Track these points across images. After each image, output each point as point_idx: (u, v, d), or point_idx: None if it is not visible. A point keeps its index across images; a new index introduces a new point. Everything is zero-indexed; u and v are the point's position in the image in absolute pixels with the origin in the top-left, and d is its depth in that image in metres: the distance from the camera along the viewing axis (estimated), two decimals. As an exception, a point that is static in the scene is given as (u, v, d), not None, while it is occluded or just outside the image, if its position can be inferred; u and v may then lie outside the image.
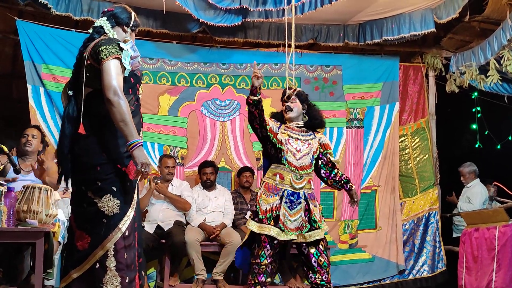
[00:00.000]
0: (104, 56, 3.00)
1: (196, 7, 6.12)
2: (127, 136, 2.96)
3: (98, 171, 3.05)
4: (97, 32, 3.22)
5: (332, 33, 7.08)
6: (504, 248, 4.82)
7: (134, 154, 2.96)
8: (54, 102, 6.32)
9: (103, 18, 3.28)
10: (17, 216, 4.01)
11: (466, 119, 8.19)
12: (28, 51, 6.22)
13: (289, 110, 4.62)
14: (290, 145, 4.48)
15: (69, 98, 3.19)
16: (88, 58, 3.10)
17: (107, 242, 3.04)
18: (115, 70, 3.00)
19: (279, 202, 4.38)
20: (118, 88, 2.97)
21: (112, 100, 2.95)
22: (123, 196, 3.09)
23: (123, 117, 2.95)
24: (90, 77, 3.09)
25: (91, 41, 3.17)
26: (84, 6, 6.20)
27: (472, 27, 6.75)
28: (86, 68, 3.10)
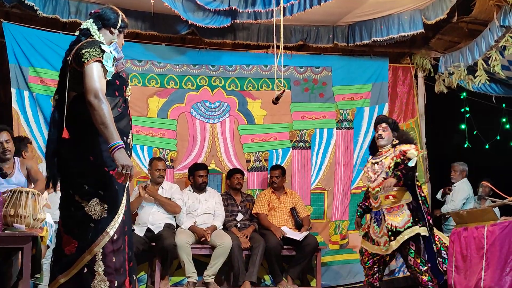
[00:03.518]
0: (85, 60, 2.99)
1: (185, 8, 6.10)
2: (108, 138, 2.94)
3: (85, 175, 3.05)
4: (83, 34, 3.20)
5: (321, 34, 7.09)
6: (493, 247, 4.82)
7: (115, 156, 2.93)
8: (40, 106, 6.27)
9: (90, 20, 3.25)
10: (4, 220, 3.97)
11: (455, 119, 8.22)
12: (15, 53, 6.17)
13: (380, 138, 5.22)
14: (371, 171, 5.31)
15: (56, 102, 3.17)
16: (71, 62, 3.09)
17: (94, 247, 3.03)
18: (96, 73, 2.99)
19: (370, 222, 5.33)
20: (99, 90, 2.96)
21: (93, 103, 2.94)
22: (110, 200, 3.08)
23: (103, 120, 2.93)
24: (74, 81, 3.08)
25: (77, 43, 3.15)
26: (71, 8, 6.17)
27: (460, 28, 6.78)
28: (70, 72, 3.10)
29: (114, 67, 3.12)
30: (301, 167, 7.17)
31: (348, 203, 7.18)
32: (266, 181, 7.01)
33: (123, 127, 3.17)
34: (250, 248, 6.29)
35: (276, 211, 6.64)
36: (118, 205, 3.12)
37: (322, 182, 7.16)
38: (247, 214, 6.69)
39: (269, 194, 6.71)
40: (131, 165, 2.97)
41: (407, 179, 4.98)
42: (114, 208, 3.09)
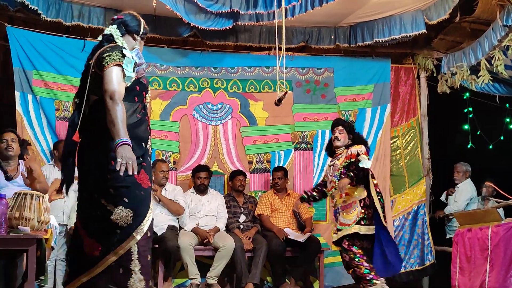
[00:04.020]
0: (106, 63, 3.02)
1: (187, 11, 6.10)
2: (114, 136, 2.92)
3: (109, 179, 3.04)
4: (106, 40, 3.24)
5: (323, 36, 7.08)
6: (497, 248, 4.82)
7: (118, 150, 2.88)
8: (43, 109, 6.30)
9: (113, 26, 3.28)
10: (9, 223, 3.99)
11: (458, 119, 8.21)
12: (18, 57, 6.20)
13: (336, 140, 5.49)
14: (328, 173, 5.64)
15: (76, 106, 3.18)
16: (93, 67, 3.12)
17: (120, 249, 3.05)
18: (116, 76, 3.01)
19: None
20: (116, 92, 2.97)
21: (107, 103, 2.95)
22: (136, 205, 3.07)
23: (112, 119, 2.92)
24: (95, 85, 3.10)
25: (99, 48, 3.18)
26: (74, 12, 6.19)
27: (462, 28, 6.77)
28: (91, 76, 3.11)
29: (135, 73, 3.13)
30: (303, 169, 7.16)
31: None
32: (268, 183, 7.01)
33: (141, 133, 3.17)
34: (253, 250, 6.30)
35: (278, 212, 6.64)
36: (144, 211, 3.12)
37: (324, 184, 7.15)
38: (250, 215, 6.69)
39: (271, 195, 6.71)
40: (133, 158, 2.91)
41: (359, 178, 5.19)
42: (141, 213, 3.10)
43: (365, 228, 5.15)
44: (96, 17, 6.29)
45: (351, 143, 5.42)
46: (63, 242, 6.06)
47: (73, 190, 6.08)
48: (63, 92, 6.42)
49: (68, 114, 6.42)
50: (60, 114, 6.40)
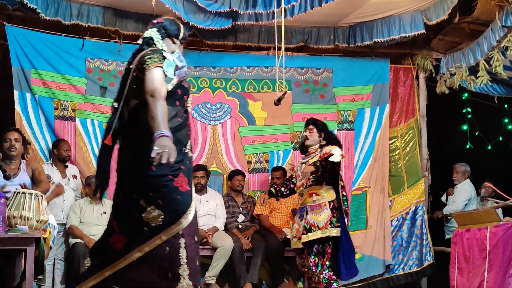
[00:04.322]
0: (146, 66, 3.04)
1: (186, 10, 6.10)
2: (154, 129, 2.90)
3: (148, 182, 3.06)
4: (146, 43, 3.25)
5: (322, 36, 7.08)
6: (496, 249, 4.83)
7: (157, 142, 2.86)
8: (42, 108, 6.29)
9: (153, 29, 3.30)
10: (7, 222, 3.98)
11: (457, 120, 8.22)
12: (17, 56, 6.19)
13: (306, 139, 5.51)
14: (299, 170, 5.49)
15: (114, 110, 3.18)
16: (134, 70, 3.13)
17: (145, 247, 3.05)
18: (157, 77, 3.03)
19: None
20: (157, 90, 2.97)
21: (149, 101, 2.96)
22: (168, 208, 3.06)
23: (153, 114, 2.93)
24: (136, 89, 3.11)
25: (139, 52, 3.19)
26: (73, 11, 6.17)
27: (461, 28, 6.77)
28: (132, 80, 3.13)
29: (176, 76, 3.14)
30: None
31: (349, 204, 7.16)
32: (267, 183, 7.01)
33: (182, 137, 3.18)
34: (252, 250, 6.30)
35: (277, 212, 6.65)
36: (178, 214, 3.10)
37: (323, 184, 7.15)
38: (248, 215, 6.69)
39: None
40: (171, 147, 2.87)
41: (325, 171, 5.17)
42: (171, 217, 3.08)
43: (336, 230, 5.17)
44: (95, 16, 6.28)
45: (324, 143, 5.41)
46: (62, 241, 6.07)
47: (71, 189, 6.16)
48: (62, 91, 6.41)
49: (67, 113, 6.42)
50: (59, 113, 6.39)
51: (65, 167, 6.18)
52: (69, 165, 6.24)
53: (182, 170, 3.13)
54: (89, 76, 6.55)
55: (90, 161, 6.48)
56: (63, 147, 6.12)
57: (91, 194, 6.15)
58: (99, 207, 6.15)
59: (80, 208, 6.07)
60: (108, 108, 6.55)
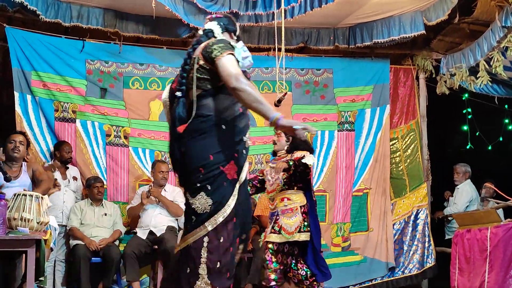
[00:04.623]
0: (218, 53, 3.03)
1: (186, 12, 6.10)
2: (267, 112, 2.93)
3: (202, 173, 3.03)
4: (205, 34, 3.26)
5: (322, 37, 7.08)
6: (496, 249, 4.83)
7: (283, 123, 2.89)
8: (42, 110, 6.30)
9: (213, 22, 3.33)
10: (8, 224, 3.99)
11: (457, 120, 8.22)
12: (17, 58, 6.20)
13: (274, 143, 5.36)
14: (269, 174, 5.36)
15: (176, 100, 3.13)
16: (199, 59, 3.12)
17: (190, 237, 3.02)
18: (232, 63, 3.02)
19: None
20: (239, 74, 2.96)
21: (238, 87, 2.94)
22: (216, 197, 3.03)
23: (256, 97, 2.94)
24: (201, 79, 3.11)
25: (199, 43, 3.19)
26: (73, 13, 6.18)
27: (461, 29, 6.77)
28: (197, 70, 3.12)
29: (241, 66, 3.12)
30: (303, 170, 7.15)
31: (350, 205, 7.17)
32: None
33: (242, 126, 3.18)
34: (252, 251, 6.29)
35: (278, 213, 6.64)
36: (223, 204, 3.05)
37: (323, 185, 7.15)
38: (249, 216, 6.68)
39: (271, 196, 6.70)
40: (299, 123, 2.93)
41: (297, 170, 5.10)
42: (218, 206, 3.04)
43: (305, 235, 5.13)
44: (95, 17, 6.28)
45: (291, 147, 5.29)
46: (62, 243, 6.07)
47: (71, 190, 6.16)
48: (62, 92, 6.42)
49: (67, 115, 6.42)
50: (59, 114, 6.40)
51: (66, 169, 6.19)
52: (70, 166, 6.24)
53: (235, 158, 3.12)
54: (89, 77, 6.56)
55: (91, 162, 6.49)
56: (65, 149, 6.13)
57: (91, 195, 6.16)
58: (100, 209, 6.16)
59: (81, 209, 6.08)
60: (108, 110, 6.58)
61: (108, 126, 6.60)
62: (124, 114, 6.65)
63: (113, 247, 6.00)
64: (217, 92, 3.10)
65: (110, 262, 5.88)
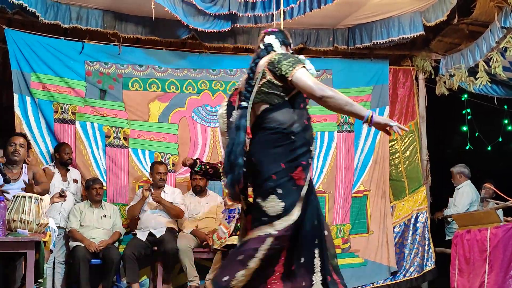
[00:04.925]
0: (289, 69, 3.14)
1: (185, 13, 6.10)
2: (360, 111, 3.10)
3: (274, 179, 3.16)
4: (265, 49, 3.37)
5: (321, 38, 7.08)
6: (496, 250, 4.83)
7: (378, 120, 3.07)
8: (41, 111, 6.30)
9: (271, 36, 3.44)
10: (7, 226, 3.99)
11: (456, 121, 8.22)
12: (17, 59, 6.20)
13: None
14: None
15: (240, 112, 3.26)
16: (266, 74, 3.23)
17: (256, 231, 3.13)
18: (307, 76, 3.15)
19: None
20: (319, 84, 3.14)
21: (325, 95, 3.10)
22: (287, 198, 3.15)
23: (346, 100, 3.11)
24: (268, 93, 3.23)
25: (260, 57, 3.31)
26: (73, 14, 6.18)
27: (460, 30, 6.78)
28: (264, 84, 3.23)
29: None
30: (302, 170, 7.14)
31: (349, 206, 7.16)
32: (267, 185, 6.99)
33: (309, 136, 3.30)
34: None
35: (277, 214, 6.63)
36: (293, 207, 3.16)
37: (323, 186, 7.14)
38: (249, 217, 6.68)
39: (270, 197, 6.69)
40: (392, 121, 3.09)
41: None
42: (287, 208, 3.14)
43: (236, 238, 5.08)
44: (94, 19, 6.29)
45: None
46: (61, 244, 6.06)
47: (71, 193, 6.15)
48: (62, 94, 6.42)
49: (67, 116, 6.42)
50: (58, 116, 6.39)
51: (67, 171, 6.19)
52: (71, 169, 6.24)
53: (303, 165, 3.23)
54: (89, 79, 6.56)
55: (90, 164, 6.49)
56: (65, 151, 6.13)
57: (90, 197, 6.15)
58: (99, 210, 6.16)
59: (80, 211, 6.08)
60: (107, 111, 6.58)
61: (108, 128, 6.61)
62: (124, 116, 6.65)
63: (113, 249, 6.00)
64: (284, 106, 3.22)
65: (110, 263, 5.88)
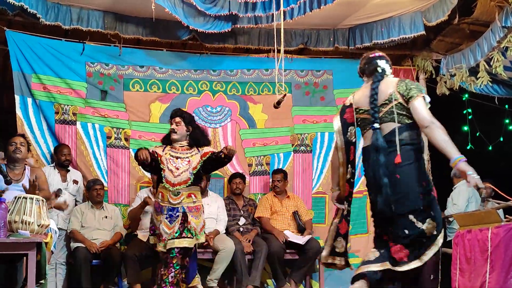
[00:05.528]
0: (414, 94, 3.52)
1: (186, 14, 6.11)
2: (453, 152, 3.38)
3: (421, 199, 3.48)
4: (382, 72, 3.71)
5: (322, 38, 7.08)
6: (497, 249, 4.82)
7: (463, 167, 3.30)
8: (43, 112, 6.31)
9: (382, 61, 3.78)
10: (9, 227, 3.99)
11: (457, 121, 8.20)
12: (18, 61, 6.21)
13: (173, 132, 5.04)
14: (170, 164, 4.96)
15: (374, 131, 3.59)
16: (396, 97, 3.58)
17: (423, 256, 3.45)
18: (425, 105, 3.52)
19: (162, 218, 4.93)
20: (431, 116, 3.47)
21: (432, 126, 3.43)
22: (438, 217, 3.51)
23: (446, 137, 3.42)
24: (399, 114, 3.57)
25: (379, 80, 3.65)
26: (73, 15, 6.19)
27: (461, 29, 6.77)
28: (396, 106, 3.58)
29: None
30: (303, 171, 7.16)
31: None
32: (268, 185, 7.01)
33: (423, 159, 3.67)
34: (253, 252, 6.29)
35: (278, 215, 6.64)
36: (441, 224, 3.54)
37: (323, 186, 7.15)
38: (250, 218, 6.69)
39: (271, 198, 6.71)
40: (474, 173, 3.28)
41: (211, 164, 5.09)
42: (439, 225, 3.51)
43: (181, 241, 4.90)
44: (95, 20, 6.30)
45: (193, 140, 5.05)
46: (62, 245, 6.06)
47: (70, 193, 6.15)
48: (63, 95, 6.43)
49: (68, 117, 6.42)
50: (59, 117, 6.41)
51: (67, 171, 6.19)
52: (71, 169, 6.25)
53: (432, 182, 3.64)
54: (90, 80, 6.57)
55: (92, 164, 6.50)
56: (62, 152, 6.14)
57: (91, 198, 6.16)
58: (100, 212, 6.16)
59: (81, 212, 6.08)
60: (108, 112, 6.59)
61: (109, 128, 6.61)
62: (125, 116, 6.66)
63: (114, 250, 6.00)
64: (413, 125, 3.55)
65: (111, 264, 5.88)
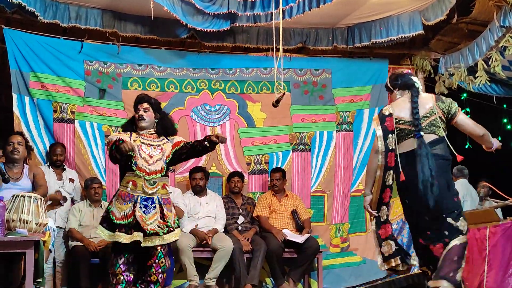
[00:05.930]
0: (456, 110, 4.07)
1: (184, 12, 6.10)
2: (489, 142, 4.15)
3: (455, 202, 3.95)
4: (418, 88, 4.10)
5: (321, 37, 7.08)
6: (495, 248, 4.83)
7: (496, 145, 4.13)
8: (40, 111, 6.30)
9: (415, 77, 4.23)
10: (7, 225, 3.98)
11: (456, 120, 8.20)
12: (15, 59, 6.19)
13: (142, 119, 4.64)
14: (142, 151, 4.55)
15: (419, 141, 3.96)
16: (436, 111, 4.02)
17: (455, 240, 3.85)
18: (468, 118, 4.13)
19: (132, 209, 4.44)
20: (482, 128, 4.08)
21: (487, 133, 4.10)
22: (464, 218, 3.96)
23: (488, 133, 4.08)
24: (438, 126, 4.02)
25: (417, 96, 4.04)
26: (71, 13, 6.18)
27: (460, 29, 6.78)
28: (436, 119, 4.01)
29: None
30: (301, 170, 7.16)
31: (348, 206, 7.17)
32: (266, 184, 7.01)
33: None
34: (252, 251, 6.29)
35: (277, 213, 6.64)
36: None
37: (322, 185, 7.15)
38: (248, 217, 6.69)
39: (270, 196, 6.71)
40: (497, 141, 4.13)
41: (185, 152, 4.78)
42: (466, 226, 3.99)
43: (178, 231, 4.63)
44: (93, 18, 6.28)
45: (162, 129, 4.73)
46: (60, 243, 6.06)
47: (66, 192, 6.14)
48: (61, 93, 6.42)
49: (66, 116, 6.42)
50: (57, 116, 6.39)
51: (63, 170, 6.18)
52: (67, 168, 6.24)
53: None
54: (88, 78, 6.56)
55: (90, 163, 6.49)
56: (55, 151, 6.13)
57: (89, 196, 6.15)
58: (98, 210, 6.14)
59: (80, 211, 6.07)
60: (106, 110, 6.59)
61: (107, 127, 6.61)
62: (123, 115, 6.64)
63: (112, 248, 5.99)
64: (445, 138, 4.04)
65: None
